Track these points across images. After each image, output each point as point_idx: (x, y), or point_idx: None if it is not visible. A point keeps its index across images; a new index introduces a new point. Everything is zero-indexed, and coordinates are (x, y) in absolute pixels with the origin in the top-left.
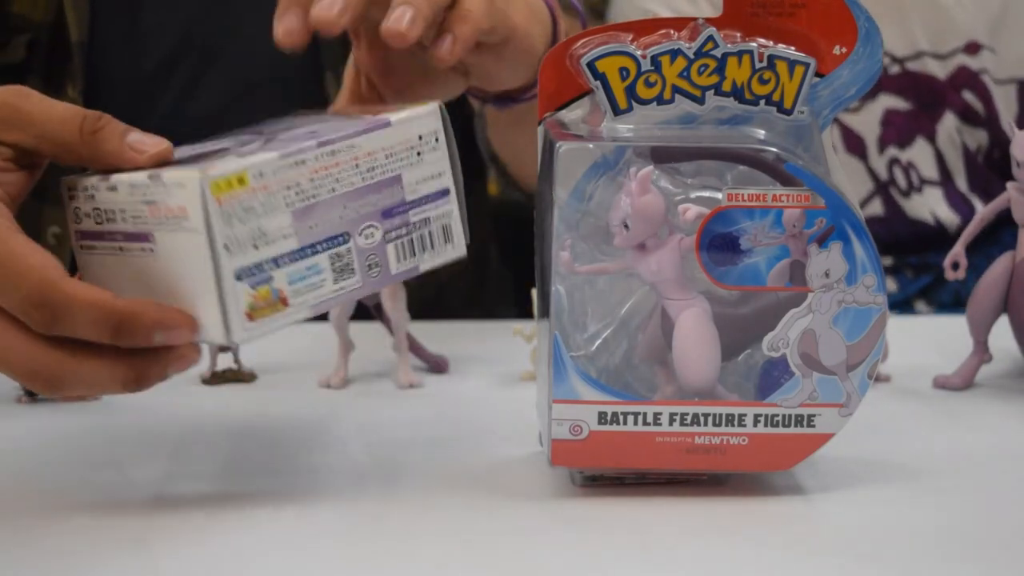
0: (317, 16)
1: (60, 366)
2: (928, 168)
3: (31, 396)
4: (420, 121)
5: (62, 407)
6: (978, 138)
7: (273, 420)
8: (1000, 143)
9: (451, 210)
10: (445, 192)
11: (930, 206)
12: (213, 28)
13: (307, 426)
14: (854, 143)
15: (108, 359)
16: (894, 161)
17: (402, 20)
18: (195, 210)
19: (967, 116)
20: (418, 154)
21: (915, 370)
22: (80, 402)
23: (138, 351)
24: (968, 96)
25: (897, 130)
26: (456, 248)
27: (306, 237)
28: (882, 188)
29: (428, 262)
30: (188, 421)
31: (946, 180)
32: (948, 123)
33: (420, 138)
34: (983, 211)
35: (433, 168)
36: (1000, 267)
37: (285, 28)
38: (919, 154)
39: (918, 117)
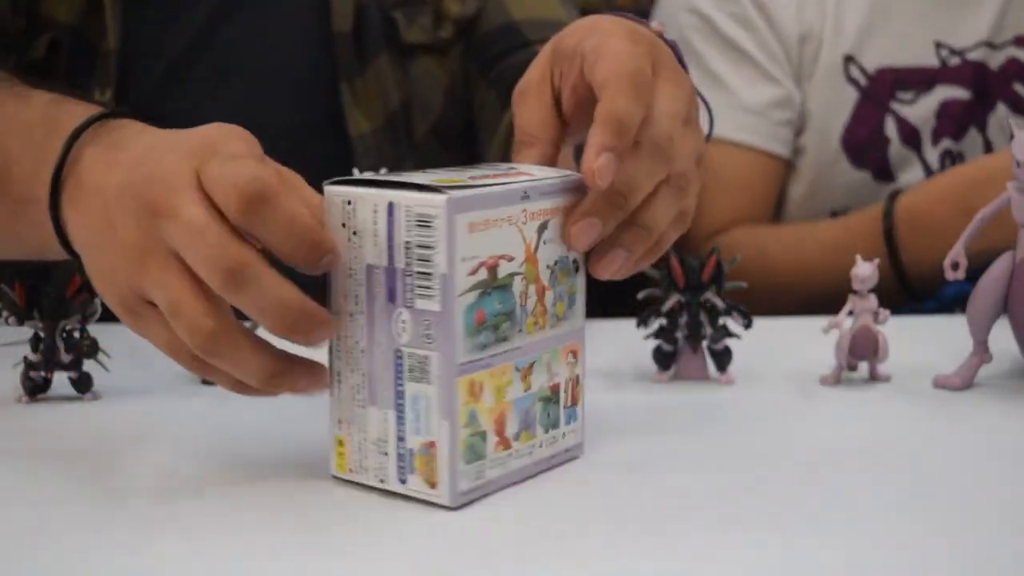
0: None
1: (228, 330)
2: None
3: (31, 396)
4: None
5: (62, 407)
6: None
7: (273, 419)
8: None
9: None
10: None
11: None
12: (231, 35)
13: (306, 426)
14: (909, 135)
15: (261, 347)
16: (947, 153)
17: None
18: None
19: (1018, 107)
20: None
21: (915, 370)
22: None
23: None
24: (1019, 88)
25: (952, 121)
26: None
27: None
28: None
29: None
30: (188, 420)
31: None
32: (1000, 113)
33: None
34: (983, 211)
35: None
36: (1000, 267)
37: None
38: (970, 145)
39: (973, 107)
